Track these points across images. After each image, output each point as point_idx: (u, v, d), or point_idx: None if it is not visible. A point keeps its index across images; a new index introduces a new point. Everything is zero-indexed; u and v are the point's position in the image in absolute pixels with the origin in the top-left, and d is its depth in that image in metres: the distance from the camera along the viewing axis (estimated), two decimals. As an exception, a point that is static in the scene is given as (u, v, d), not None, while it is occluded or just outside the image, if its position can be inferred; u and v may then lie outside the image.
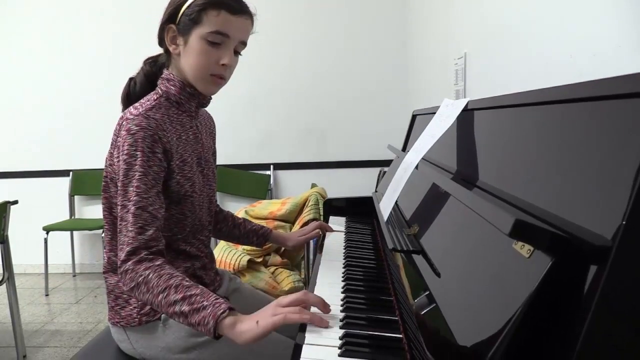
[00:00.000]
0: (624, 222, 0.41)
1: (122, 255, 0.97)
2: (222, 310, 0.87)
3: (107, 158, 1.10)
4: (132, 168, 1.00)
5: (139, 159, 1.00)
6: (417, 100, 2.99)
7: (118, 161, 1.03)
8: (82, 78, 3.64)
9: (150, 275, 0.93)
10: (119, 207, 1.01)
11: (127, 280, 0.95)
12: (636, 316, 0.41)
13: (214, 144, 1.33)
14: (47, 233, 3.33)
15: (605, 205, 0.45)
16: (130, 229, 0.97)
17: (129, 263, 0.95)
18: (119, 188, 1.01)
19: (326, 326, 0.85)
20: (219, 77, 1.10)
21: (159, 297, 0.91)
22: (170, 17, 1.08)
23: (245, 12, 1.09)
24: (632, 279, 0.41)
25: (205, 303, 0.88)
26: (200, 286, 0.93)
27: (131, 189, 0.99)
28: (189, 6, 1.05)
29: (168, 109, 1.11)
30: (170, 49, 1.10)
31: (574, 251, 0.45)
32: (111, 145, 1.08)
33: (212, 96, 1.19)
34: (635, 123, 0.45)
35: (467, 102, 1.03)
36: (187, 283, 0.92)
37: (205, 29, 1.05)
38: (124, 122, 1.04)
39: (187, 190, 1.11)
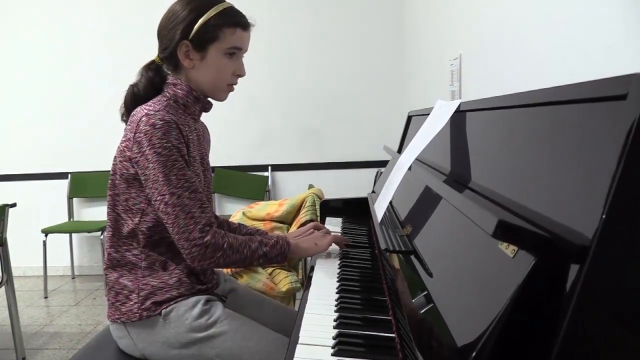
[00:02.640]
0: (601, 222, 0.42)
1: (194, 234, 1.06)
2: (286, 239, 1.21)
3: (115, 156, 1.12)
4: (170, 158, 1.05)
5: (174, 149, 1.06)
6: (414, 101, 3.00)
7: (141, 155, 1.06)
8: (81, 81, 3.65)
9: (229, 239, 1.10)
10: (167, 196, 1.05)
11: (208, 253, 1.07)
12: (614, 312, 0.42)
13: (209, 152, 1.36)
14: (46, 235, 3.34)
15: (587, 205, 0.46)
16: (194, 210, 1.06)
17: (207, 237, 1.07)
18: (159, 178, 1.05)
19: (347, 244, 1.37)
20: (232, 85, 1.22)
21: (244, 252, 1.12)
22: (183, 34, 1.12)
23: (250, 26, 1.19)
24: (610, 276, 0.42)
25: (274, 239, 1.18)
26: (251, 234, 1.29)
27: (174, 177, 1.05)
28: (204, 24, 1.11)
29: (177, 110, 1.15)
30: (185, 63, 1.15)
31: (556, 250, 0.46)
32: (124, 141, 1.10)
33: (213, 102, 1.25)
34: (616, 123, 0.46)
35: (460, 104, 1.04)
36: (249, 235, 1.23)
37: (223, 45, 1.14)
38: (143, 118, 1.06)
39: None
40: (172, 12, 1.14)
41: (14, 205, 2.35)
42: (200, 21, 1.11)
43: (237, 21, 1.15)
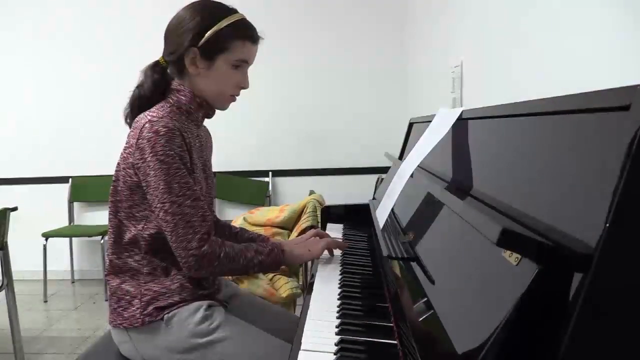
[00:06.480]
0: (605, 231, 0.42)
1: (192, 244, 1.06)
2: (281, 246, 1.20)
3: (119, 162, 1.13)
4: (172, 166, 1.06)
5: (176, 157, 1.06)
6: (415, 108, 3.01)
7: (143, 162, 1.06)
8: (83, 84, 3.66)
9: (226, 249, 1.11)
10: (168, 204, 1.05)
11: (204, 263, 1.07)
12: (618, 321, 0.43)
13: (211, 157, 1.37)
14: (46, 239, 3.33)
15: (590, 213, 0.47)
16: (194, 219, 1.07)
17: (205, 247, 1.07)
18: (160, 186, 1.05)
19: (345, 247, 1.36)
20: (235, 96, 1.23)
21: (240, 261, 1.12)
22: (193, 42, 1.12)
23: (258, 40, 1.19)
24: (613, 285, 0.43)
25: (269, 247, 1.18)
26: (252, 239, 1.34)
27: (176, 185, 1.06)
28: (214, 34, 1.12)
29: (180, 116, 1.16)
30: (190, 69, 1.15)
31: (560, 259, 0.46)
32: (127, 148, 1.11)
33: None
34: (619, 133, 0.47)
35: (462, 112, 1.04)
36: (246, 244, 1.19)
37: (231, 56, 1.15)
38: (146, 125, 1.07)
39: None
40: (181, 17, 1.15)
41: (14, 209, 2.36)
42: (211, 31, 1.12)
43: (248, 34, 1.16)
